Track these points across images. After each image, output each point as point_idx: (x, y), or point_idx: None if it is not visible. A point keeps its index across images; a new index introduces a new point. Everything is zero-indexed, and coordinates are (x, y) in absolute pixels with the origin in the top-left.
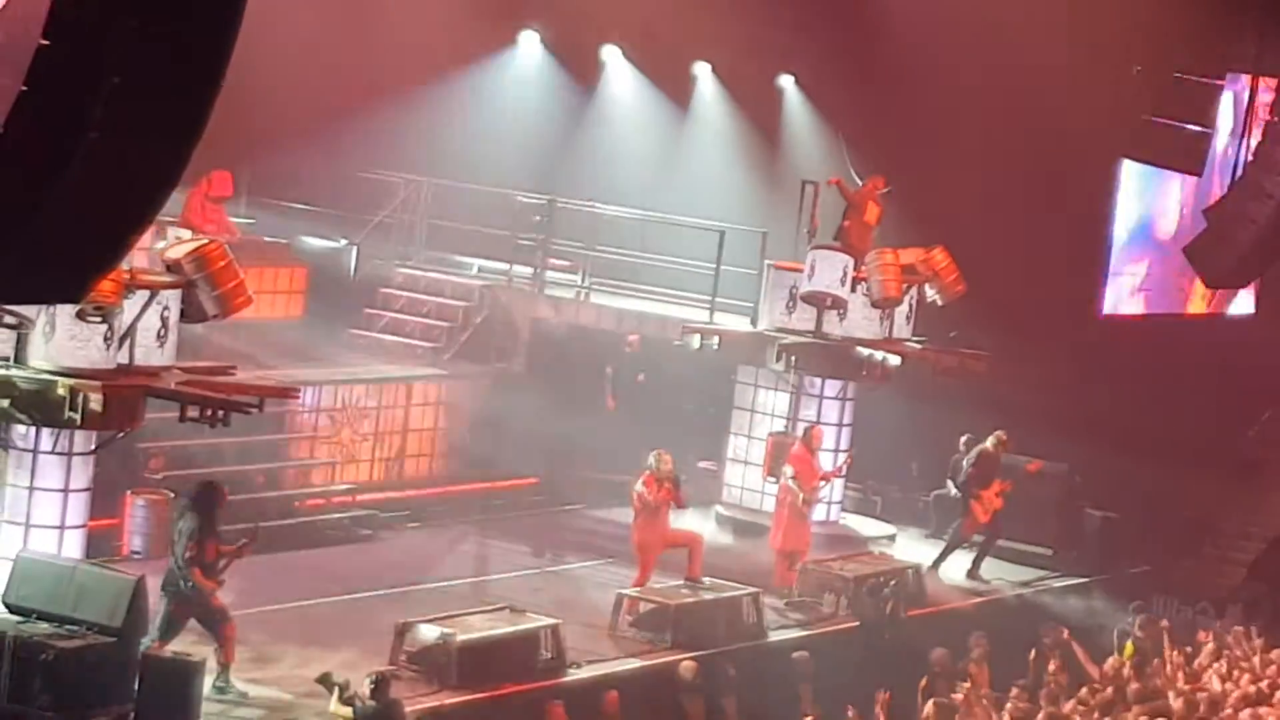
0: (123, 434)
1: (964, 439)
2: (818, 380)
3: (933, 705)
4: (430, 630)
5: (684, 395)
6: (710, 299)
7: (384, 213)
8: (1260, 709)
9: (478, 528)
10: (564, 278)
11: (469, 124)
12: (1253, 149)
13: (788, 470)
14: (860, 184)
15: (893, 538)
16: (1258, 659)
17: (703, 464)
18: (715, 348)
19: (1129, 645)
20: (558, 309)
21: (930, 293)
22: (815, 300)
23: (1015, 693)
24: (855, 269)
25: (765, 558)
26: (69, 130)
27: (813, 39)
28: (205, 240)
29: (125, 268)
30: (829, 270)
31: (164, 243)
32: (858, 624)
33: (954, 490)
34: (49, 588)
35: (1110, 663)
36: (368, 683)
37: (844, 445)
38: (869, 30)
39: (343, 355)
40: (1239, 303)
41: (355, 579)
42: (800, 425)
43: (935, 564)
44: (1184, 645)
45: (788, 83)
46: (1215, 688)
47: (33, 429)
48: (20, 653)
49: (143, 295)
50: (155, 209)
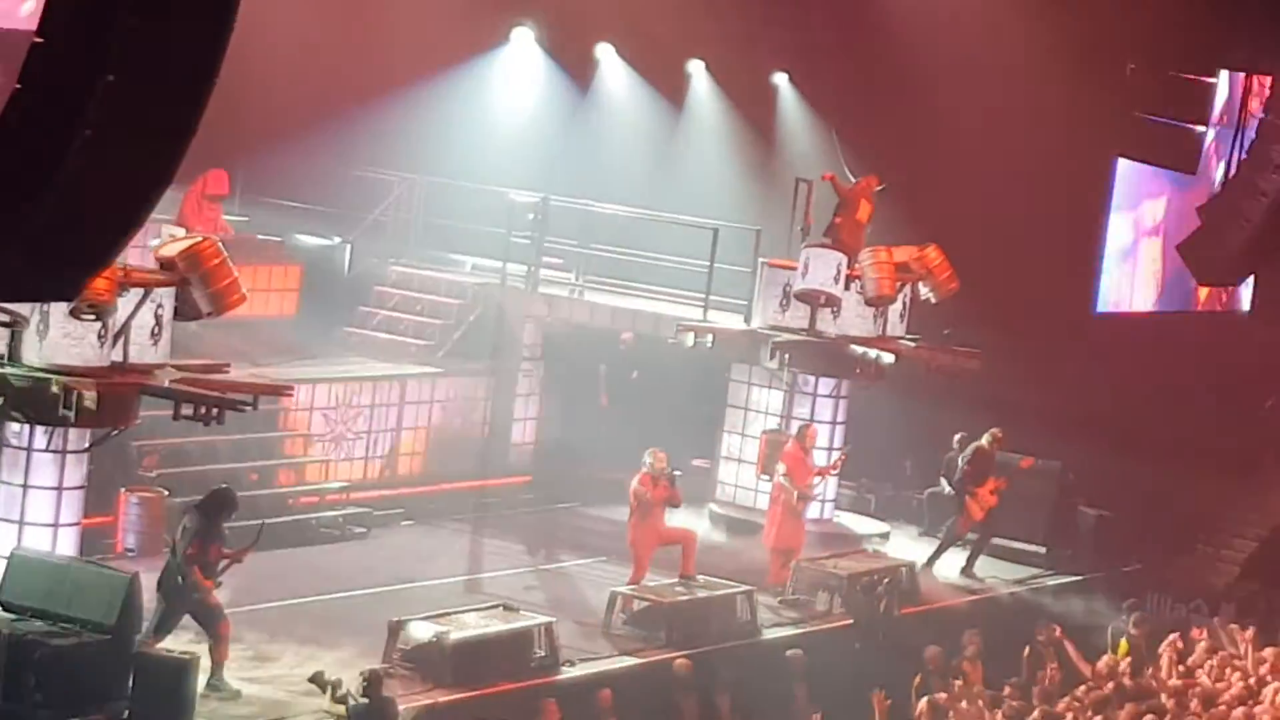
0: (117, 432)
1: (958, 437)
2: (811, 378)
3: (926, 703)
4: (424, 628)
5: (678, 393)
6: (704, 297)
7: (378, 210)
8: (1253, 707)
9: (471, 525)
10: (558, 275)
11: (463, 122)
12: (1246, 147)
13: (781, 468)
14: (854, 181)
15: (886, 536)
16: (1249, 657)
17: (696, 462)
18: (709, 345)
19: (1123, 643)
20: (552, 307)
21: (924, 291)
22: (809, 298)
23: (1009, 691)
24: (849, 267)
25: (759, 556)
26: (63, 128)
27: (807, 37)
28: (199, 238)
29: (119, 265)
30: (823, 268)
31: (158, 240)
32: (852, 622)
33: (948, 488)
34: (43, 585)
35: (1104, 661)
36: (359, 681)
37: (838, 443)
38: (863, 28)
39: (336, 353)
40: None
41: (349, 577)
42: (794, 423)
43: (929, 562)
44: (1177, 643)
45: (781, 80)
46: (1207, 685)
47: (27, 427)
48: (14, 650)
49: (137, 293)
50: (149, 207)
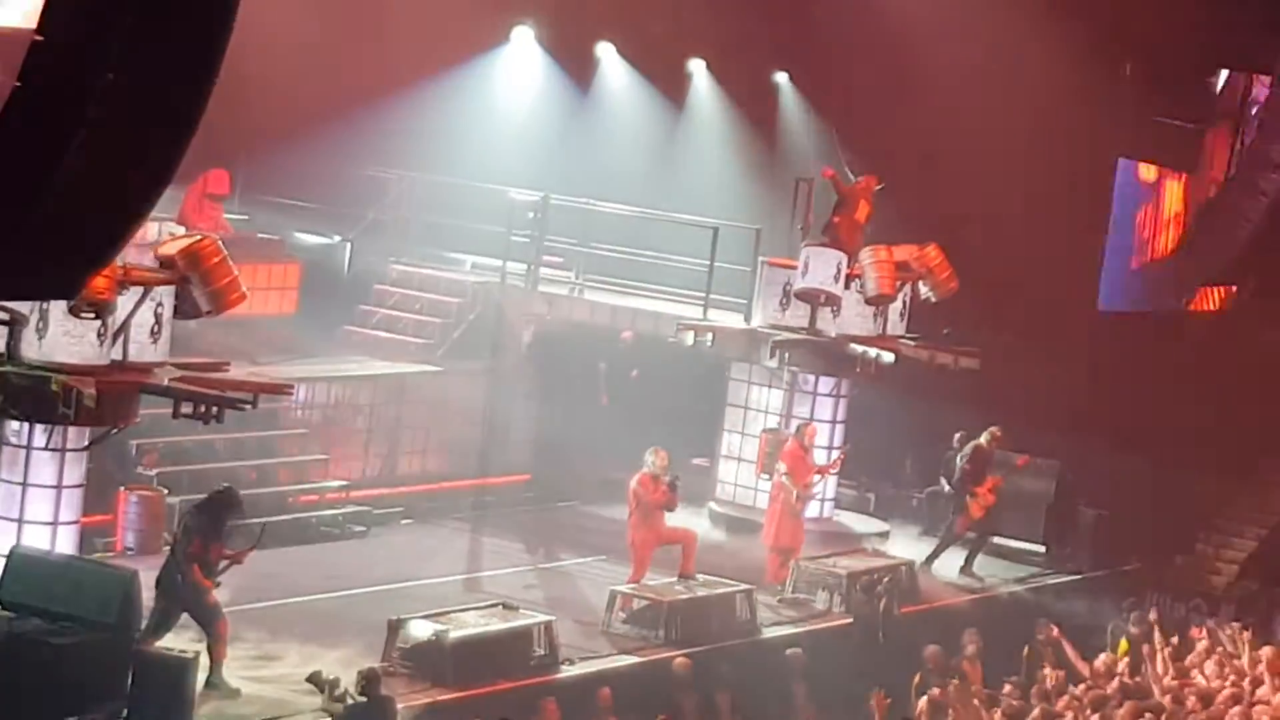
0: (116, 430)
1: (958, 436)
2: (811, 377)
3: (926, 702)
4: (423, 627)
5: (677, 392)
6: (704, 295)
7: (378, 209)
8: (1250, 707)
9: (471, 524)
10: (558, 274)
11: (463, 121)
12: (1246, 146)
13: (781, 467)
14: (854, 180)
15: (886, 534)
16: (1246, 656)
17: (696, 461)
18: (709, 344)
19: (1123, 642)
20: (551, 305)
21: (924, 290)
22: (809, 297)
23: (1008, 690)
24: (849, 266)
25: (759, 555)
26: (62, 126)
27: (807, 36)
28: (199, 236)
29: (119, 264)
30: (823, 267)
31: (157, 238)
32: (851, 621)
33: (948, 487)
34: (43, 584)
35: (1102, 659)
36: (358, 679)
37: (837, 442)
38: (864, 27)
39: (336, 351)
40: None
41: (349, 575)
42: (794, 422)
43: (928, 561)
44: (1175, 642)
45: (782, 80)
46: (1202, 684)
47: (26, 425)
48: (14, 648)
49: (136, 291)
50: (149, 205)
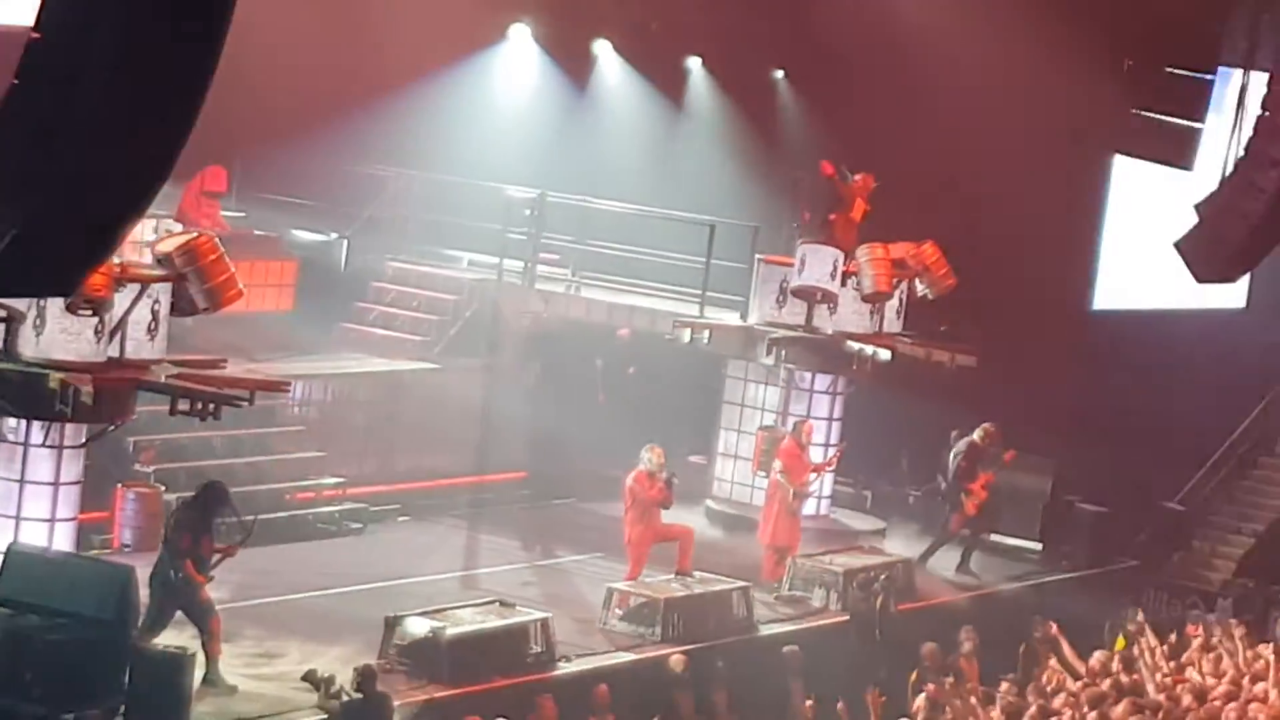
0: (113, 427)
1: (955, 434)
2: (808, 375)
3: (924, 699)
4: (420, 624)
5: (674, 389)
6: (701, 293)
7: (375, 206)
8: (1246, 704)
9: (467, 521)
10: (554, 271)
11: (460, 118)
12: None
13: (777, 465)
14: (851, 179)
15: (883, 532)
16: (1240, 654)
17: (693, 458)
18: (705, 342)
19: (1120, 639)
20: (548, 303)
21: (920, 287)
22: (805, 295)
23: (1005, 687)
24: (845, 263)
25: (755, 552)
26: (60, 123)
27: (804, 33)
28: (195, 233)
29: (116, 261)
30: (819, 265)
31: (155, 236)
32: (848, 618)
33: (944, 485)
34: (40, 580)
35: (1098, 657)
36: (353, 676)
37: (834, 440)
38: (860, 25)
39: (333, 348)
40: (1230, 296)
41: (345, 572)
42: (790, 420)
43: (922, 558)
44: (1171, 640)
45: (779, 77)
46: (1197, 680)
47: (23, 422)
48: (11, 645)
49: (133, 288)
50: (146, 203)
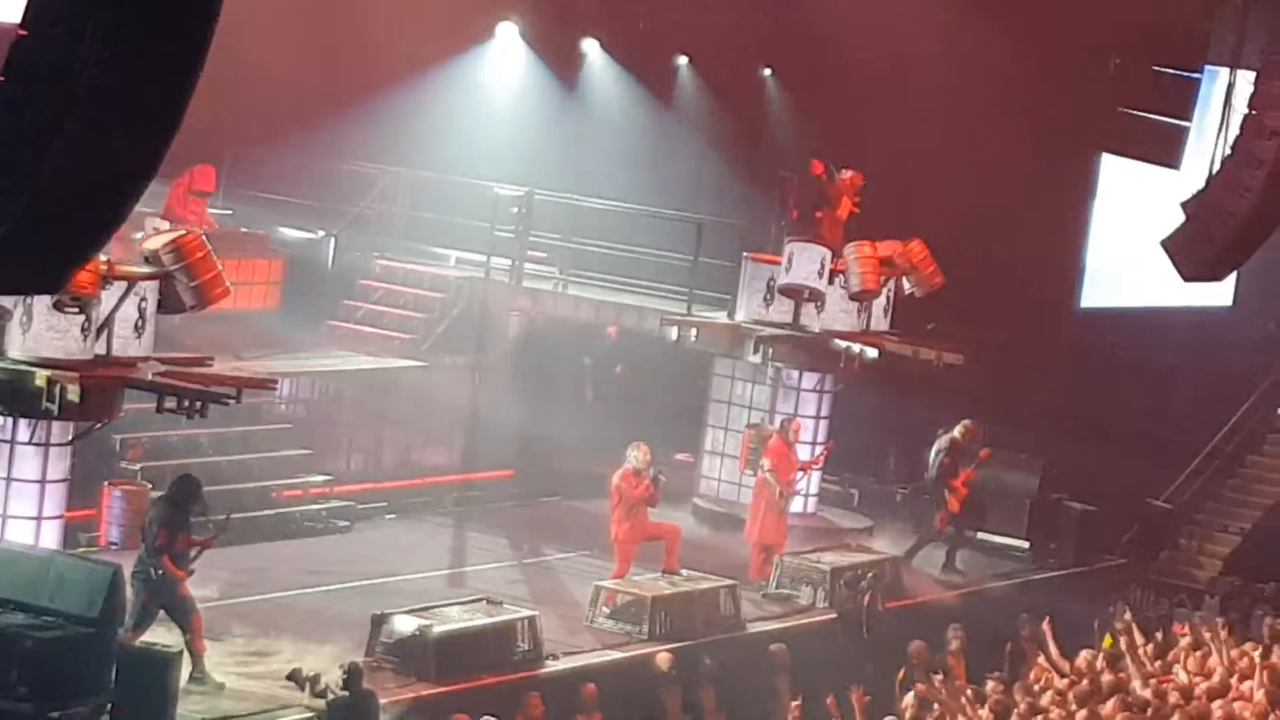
0: (100, 425)
1: (941, 432)
2: (795, 373)
3: (913, 696)
4: (407, 622)
5: (662, 387)
6: (688, 291)
7: (362, 204)
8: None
9: (455, 519)
10: (542, 269)
11: (447, 116)
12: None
13: (765, 463)
14: (837, 176)
15: (870, 530)
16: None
17: (680, 456)
18: (693, 340)
19: (1107, 638)
20: (536, 301)
21: (908, 285)
22: (793, 293)
23: (991, 685)
24: (833, 261)
25: (742, 550)
26: (47, 121)
27: (791, 32)
28: (183, 231)
29: (103, 259)
30: (807, 263)
31: (142, 234)
32: (835, 616)
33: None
34: (26, 578)
35: (1084, 656)
36: (339, 674)
37: (821, 438)
38: (848, 23)
39: (320, 346)
40: (1216, 295)
41: (332, 570)
42: (778, 418)
43: (907, 555)
44: (1159, 638)
45: (767, 75)
46: (1183, 679)
47: (9, 419)
48: None
49: (120, 286)
50: (133, 201)
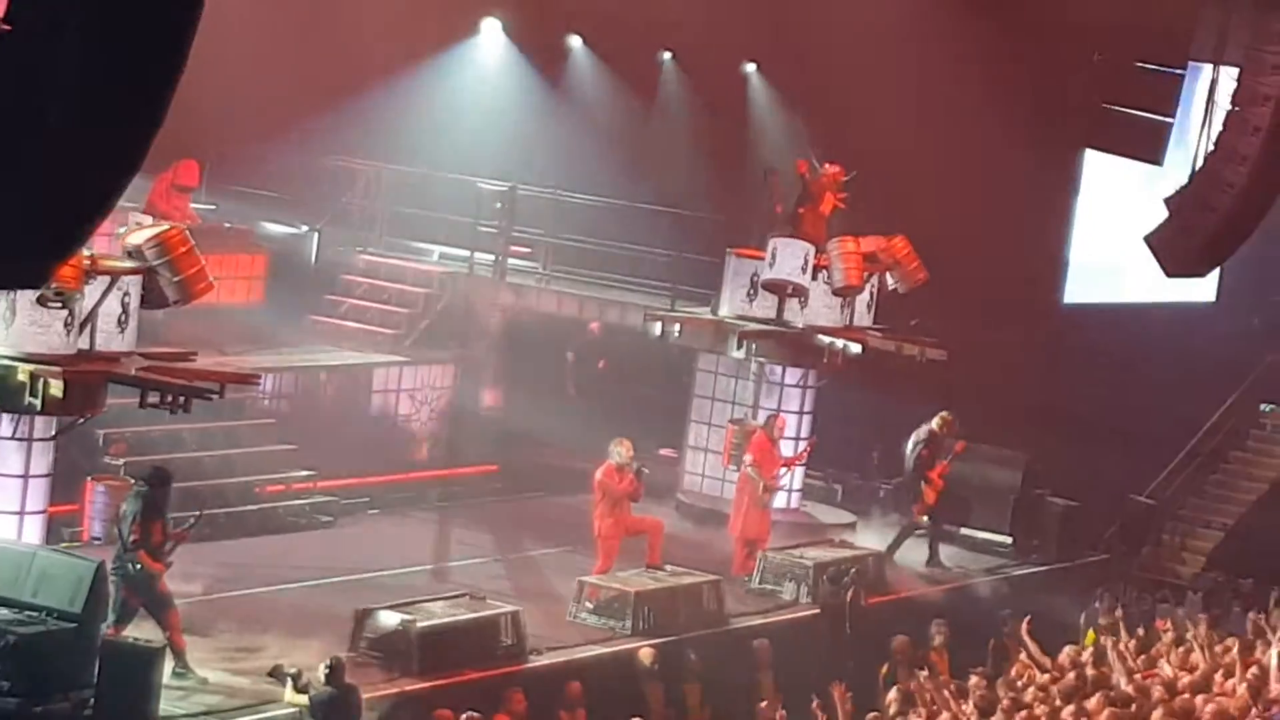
0: (83, 420)
1: (923, 426)
2: (779, 368)
3: (897, 692)
4: (390, 617)
5: (645, 383)
6: (671, 286)
7: (345, 199)
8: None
9: (438, 514)
10: (525, 265)
11: (431, 111)
12: (1214, 139)
13: (748, 459)
14: (821, 172)
15: (853, 525)
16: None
17: (663, 452)
18: (676, 335)
19: (1090, 633)
20: (519, 296)
21: (891, 281)
22: (776, 288)
23: (975, 680)
24: (816, 257)
25: (726, 546)
26: (29, 115)
27: (775, 26)
28: (166, 226)
29: (86, 253)
30: (790, 258)
31: (125, 229)
32: (818, 611)
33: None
34: (8, 573)
35: (1067, 652)
36: (322, 668)
37: (805, 433)
38: (831, 19)
39: (303, 341)
40: (1200, 291)
41: (315, 566)
42: (762, 413)
43: (889, 550)
44: (1141, 633)
45: (750, 70)
46: (1167, 674)
47: None
48: None
49: (103, 281)
50: (116, 196)
